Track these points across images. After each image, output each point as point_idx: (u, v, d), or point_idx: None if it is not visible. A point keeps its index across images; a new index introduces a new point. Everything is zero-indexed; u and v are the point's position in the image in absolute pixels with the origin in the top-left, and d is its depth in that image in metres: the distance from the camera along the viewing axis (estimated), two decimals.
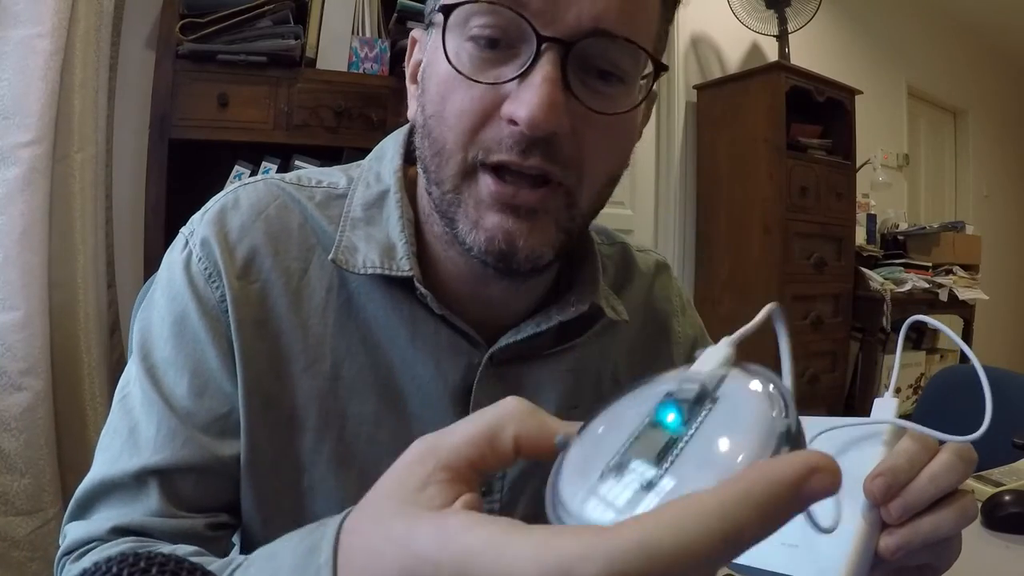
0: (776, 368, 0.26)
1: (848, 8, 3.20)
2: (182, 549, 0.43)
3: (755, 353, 0.25)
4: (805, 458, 0.18)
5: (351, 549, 0.25)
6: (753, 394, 0.22)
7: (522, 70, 0.42)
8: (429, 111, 0.46)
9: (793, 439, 0.20)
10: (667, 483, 0.20)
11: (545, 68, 0.41)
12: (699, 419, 0.22)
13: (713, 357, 0.25)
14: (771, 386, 0.22)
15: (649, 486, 0.20)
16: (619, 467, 0.22)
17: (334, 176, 0.56)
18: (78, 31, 1.30)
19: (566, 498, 0.22)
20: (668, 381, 0.24)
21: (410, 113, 0.51)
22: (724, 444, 0.21)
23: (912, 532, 0.36)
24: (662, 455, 0.21)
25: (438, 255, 0.51)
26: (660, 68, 0.46)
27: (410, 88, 0.52)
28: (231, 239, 0.51)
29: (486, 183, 0.44)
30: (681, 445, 0.21)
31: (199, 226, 0.52)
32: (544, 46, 0.41)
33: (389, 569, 0.22)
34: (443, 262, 0.51)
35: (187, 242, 0.51)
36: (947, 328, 0.43)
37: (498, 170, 0.44)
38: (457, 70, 0.43)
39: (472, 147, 0.44)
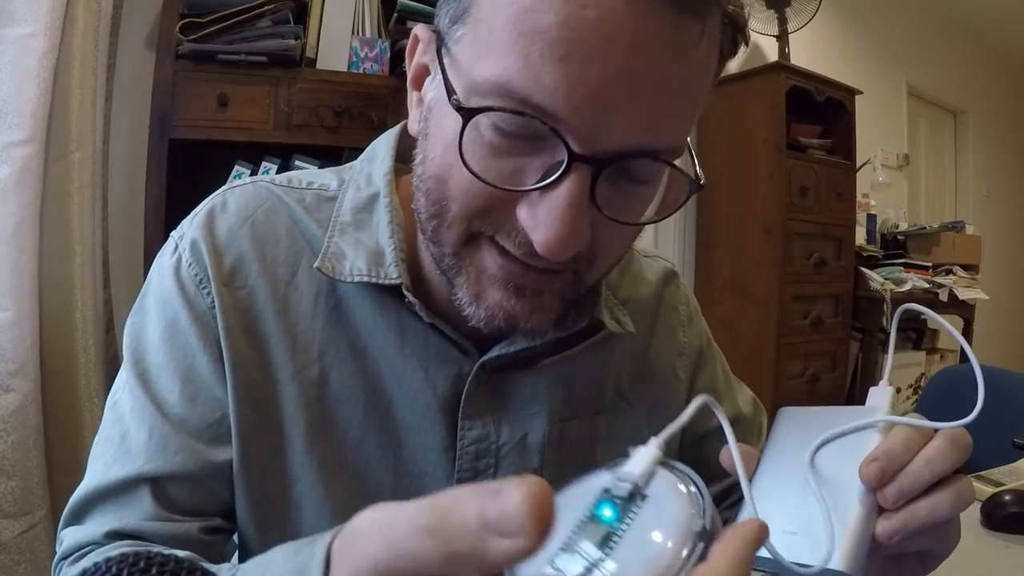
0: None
1: (848, 8, 3.20)
2: (180, 553, 0.43)
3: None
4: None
5: None
6: (674, 493, 0.26)
7: (546, 182, 0.36)
8: (431, 170, 0.41)
9: (708, 536, 0.25)
10: (608, 567, 0.24)
11: (572, 189, 0.36)
12: (631, 516, 0.26)
13: (644, 456, 0.28)
14: (692, 487, 0.27)
15: (590, 570, 0.24)
16: (566, 550, 0.25)
17: (326, 178, 0.54)
18: (76, 31, 1.30)
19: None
20: (603, 476, 0.28)
21: (412, 126, 0.47)
22: (652, 539, 0.25)
23: (909, 516, 0.36)
24: (602, 544, 0.25)
25: (430, 272, 0.50)
26: (697, 186, 0.41)
27: (411, 95, 0.47)
28: (219, 244, 0.50)
29: (492, 256, 0.41)
30: (617, 537, 0.25)
31: (188, 230, 0.51)
32: (575, 164, 0.36)
33: None
34: (434, 277, 0.50)
35: (177, 246, 0.51)
36: (937, 315, 0.43)
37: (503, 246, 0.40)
38: (472, 172, 0.37)
39: (478, 222, 0.40)
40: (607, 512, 0.26)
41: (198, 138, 1.50)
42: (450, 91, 0.38)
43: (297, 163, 1.58)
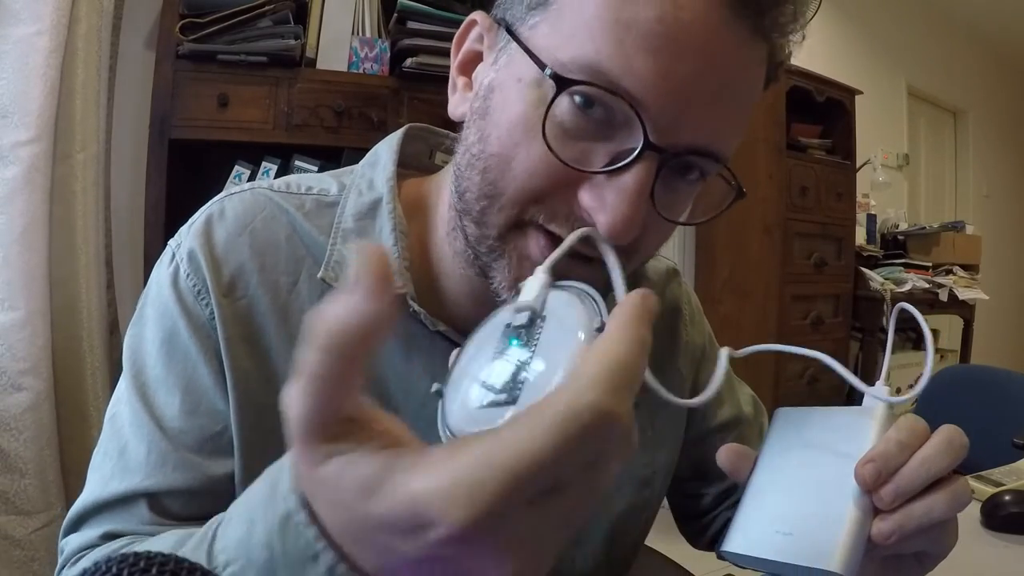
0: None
1: (848, 8, 3.20)
2: (165, 537, 0.42)
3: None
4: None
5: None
6: (569, 304, 0.28)
7: (618, 165, 0.38)
8: (493, 148, 0.41)
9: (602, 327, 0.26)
10: (527, 384, 0.26)
11: (641, 175, 0.37)
12: (536, 338, 0.27)
13: (534, 284, 0.30)
14: (585, 295, 0.29)
15: (511, 399, 0.26)
16: (486, 385, 0.27)
17: (324, 182, 0.53)
18: (79, 31, 1.30)
19: (453, 421, 0.28)
20: (505, 313, 0.30)
21: (454, 110, 0.47)
22: (559, 343, 0.27)
23: (905, 517, 0.36)
24: (517, 371, 0.27)
25: (447, 270, 0.49)
26: (741, 195, 0.44)
27: (458, 80, 0.47)
28: (217, 254, 0.49)
29: (539, 244, 0.41)
30: (529, 361, 0.27)
31: (185, 239, 0.50)
32: (648, 152, 0.37)
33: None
34: (451, 276, 0.49)
35: (174, 256, 0.50)
36: (919, 315, 0.44)
37: (550, 232, 0.40)
38: (549, 147, 0.38)
39: (533, 207, 0.40)
40: (514, 344, 0.27)
41: (198, 138, 1.50)
42: (540, 64, 0.39)
43: (297, 163, 1.58)
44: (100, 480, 0.48)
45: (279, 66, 1.54)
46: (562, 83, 0.37)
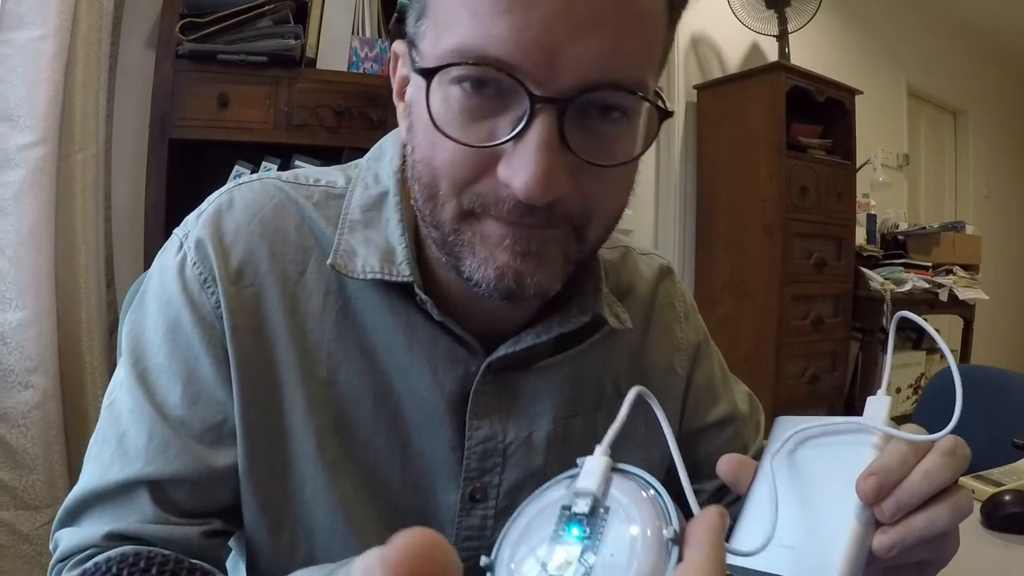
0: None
1: (848, 8, 3.20)
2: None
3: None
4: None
5: None
6: (638, 503, 0.27)
7: (515, 131, 0.38)
8: (417, 155, 0.43)
9: (678, 538, 0.25)
10: None
11: (541, 130, 0.38)
12: (599, 531, 0.26)
13: (595, 467, 0.28)
14: (650, 490, 0.27)
15: None
16: (547, 572, 0.26)
17: (332, 175, 0.54)
18: (79, 31, 1.30)
19: None
20: (561, 489, 0.28)
21: (402, 134, 0.48)
22: (627, 555, 0.25)
23: (906, 529, 0.36)
24: (580, 565, 0.25)
25: (438, 266, 0.50)
26: (665, 115, 0.42)
27: (399, 106, 0.49)
28: (226, 242, 0.49)
29: (493, 225, 0.42)
30: (591, 559, 0.26)
31: (194, 228, 0.50)
32: (538, 106, 0.38)
33: None
34: (443, 272, 0.50)
35: (181, 245, 0.50)
36: (926, 324, 0.43)
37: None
38: (445, 134, 0.39)
39: (467, 196, 0.41)
40: (575, 532, 0.26)
41: (198, 138, 1.50)
42: (414, 64, 0.40)
43: (297, 163, 1.58)
44: (99, 468, 0.47)
45: (279, 66, 1.54)
46: (427, 74, 0.39)
